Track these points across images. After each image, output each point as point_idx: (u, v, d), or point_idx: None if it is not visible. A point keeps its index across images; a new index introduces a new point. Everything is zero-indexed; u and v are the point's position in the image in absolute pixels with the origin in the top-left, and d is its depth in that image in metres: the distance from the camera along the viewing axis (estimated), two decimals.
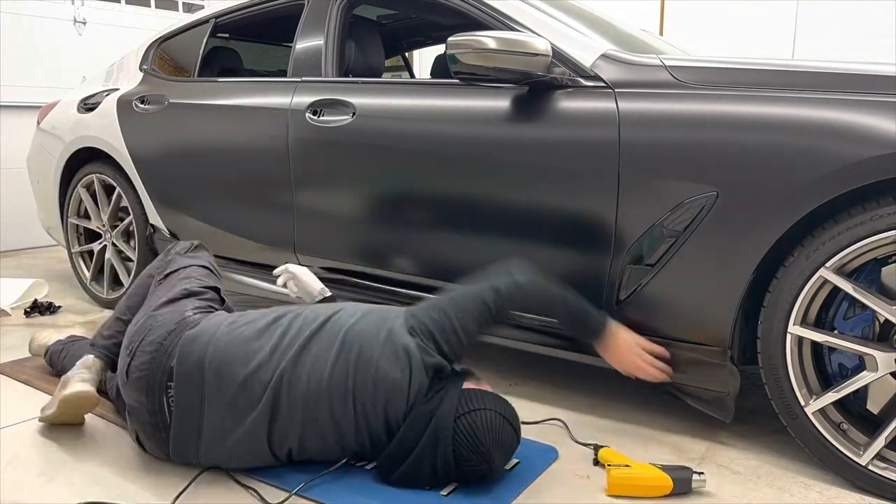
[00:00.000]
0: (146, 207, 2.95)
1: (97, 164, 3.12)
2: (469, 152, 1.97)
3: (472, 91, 2.01)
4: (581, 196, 1.80)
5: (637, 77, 1.78)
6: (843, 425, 1.60)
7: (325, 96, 2.31)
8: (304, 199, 2.39)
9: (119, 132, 2.96)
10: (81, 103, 3.20)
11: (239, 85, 2.64)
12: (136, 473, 1.63)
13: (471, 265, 2.02)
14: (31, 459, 1.71)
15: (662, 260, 1.71)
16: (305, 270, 2.03)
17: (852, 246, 1.49)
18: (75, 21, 4.93)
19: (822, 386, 1.62)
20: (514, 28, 1.97)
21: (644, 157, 1.71)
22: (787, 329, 1.59)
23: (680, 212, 1.67)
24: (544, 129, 1.85)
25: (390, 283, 2.27)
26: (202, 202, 2.73)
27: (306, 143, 2.33)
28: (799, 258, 1.56)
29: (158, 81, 2.97)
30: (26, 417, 1.95)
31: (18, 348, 2.58)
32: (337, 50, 2.42)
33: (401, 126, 2.11)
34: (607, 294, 1.81)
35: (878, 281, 1.54)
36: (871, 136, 1.45)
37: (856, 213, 1.50)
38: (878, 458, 1.54)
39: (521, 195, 1.90)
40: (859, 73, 1.55)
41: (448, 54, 1.85)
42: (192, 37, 2.99)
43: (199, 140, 2.68)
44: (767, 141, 1.56)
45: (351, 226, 2.29)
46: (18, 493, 1.55)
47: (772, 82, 1.62)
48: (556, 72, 1.86)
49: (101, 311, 3.16)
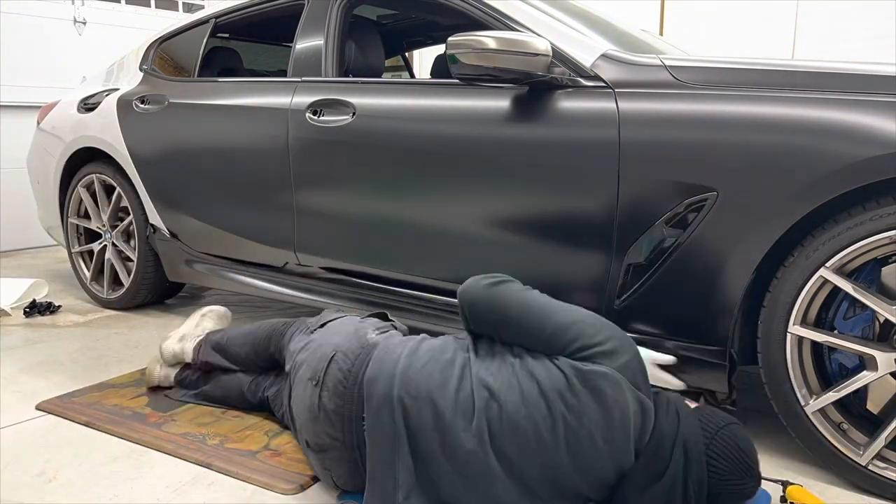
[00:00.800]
0: (146, 207, 2.95)
1: (97, 164, 3.12)
2: (469, 152, 1.97)
3: (472, 91, 2.01)
4: (581, 196, 1.80)
5: (637, 77, 1.78)
6: (843, 425, 1.60)
7: (325, 96, 2.31)
8: (304, 199, 2.38)
9: (119, 132, 2.96)
10: (81, 103, 3.20)
11: (239, 85, 2.64)
12: (136, 473, 1.63)
13: (470, 265, 2.02)
14: (31, 459, 1.71)
15: (662, 260, 1.71)
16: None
17: (852, 246, 1.49)
18: (75, 21, 4.93)
19: (823, 386, 1.62)
20: (514, 28, 1.97)
21: (644, 157, 1.71)
22: (787, 329, 1.59)
23: (680, 212, 1.67)
24: (544, 129, 1.85)
25: (390, 283, 2.27)
26: (202, 202, 2.73)
27: (306, 142, 2.33)
28: (799, 258, 1.56)
29: (158, 81, 2.97)
30: (26, 417, 1.95)
31: (18, 348, 2.58)
32: (337, 50, 2.42)
33: (401, 126, 2.11)
34: (607, 294, 1.81)
35: (878, 281, 1.54)
36: (871, 136, 1.45)
37: (856, 213, 1.50)
38: (878, 457, 1.54)
39: (521, 195, 1.90)
40: (859, 73, 1.55)
41: (448, 54, 1.85)
42: (192, 37, 2.99)
43: (199, 140, 2.68)
44: (767, 141, 1.56)
45: (351, 226, 2.29)
46: (18, 493, 1.55)
47: (772, 82, 1.62)
48: (556, 72, 1.86)
49: (101, 310, 3.16)
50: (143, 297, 3.11)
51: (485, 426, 1.30)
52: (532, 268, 1.91)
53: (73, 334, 2.78)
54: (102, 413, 1.96)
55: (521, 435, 1.28)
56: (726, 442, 1.31)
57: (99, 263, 3.23)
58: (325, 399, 1.44)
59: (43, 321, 2.99)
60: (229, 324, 2.20)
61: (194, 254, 2.85)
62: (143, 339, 2.71)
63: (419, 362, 1.40)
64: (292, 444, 1.76)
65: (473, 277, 1.50)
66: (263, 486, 1.57)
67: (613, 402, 1.27)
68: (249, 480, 1.59)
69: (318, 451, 1.47)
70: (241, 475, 1.61)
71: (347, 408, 1.42)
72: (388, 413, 1.35)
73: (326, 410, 1.43)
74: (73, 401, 2.05)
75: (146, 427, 1.86)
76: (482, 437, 1.29)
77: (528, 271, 1.91)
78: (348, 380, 1.44)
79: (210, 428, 1.86)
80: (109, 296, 3.16)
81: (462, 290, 1.49)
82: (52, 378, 2.27)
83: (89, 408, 1.99)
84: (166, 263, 2.97)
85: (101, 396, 2.08)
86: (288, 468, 1.64)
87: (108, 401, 2.05)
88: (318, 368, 1.48)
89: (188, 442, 1.77)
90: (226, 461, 1.67)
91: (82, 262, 3.31)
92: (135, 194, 2.98)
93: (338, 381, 1.44)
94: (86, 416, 1.93)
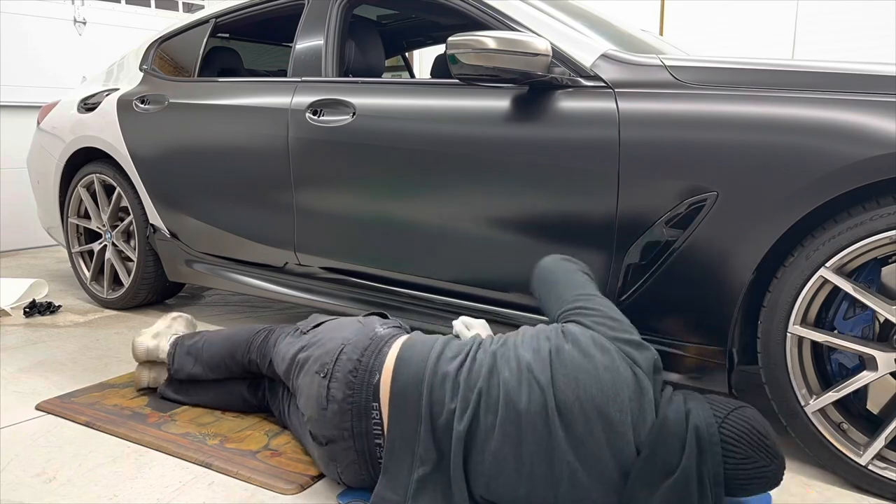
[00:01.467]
0: (146, 207, 2.95)
1: (97, 164, 3.12)
2: (469, 152, 1.97)
3: (472, 91, 2.01)
4: (581, 196, 1.80)
5: (637, 77, 1.78)
6: (843, 425, 1.60)
7: (325, 96, 2.31)
8: (304, 199, 2.38)
9: (119, 132, 2.96)
10: (81, 103, 3.20)
11: (239, 85, 2.64)
12: (136, 473, 1.63)
13: (470, 265, 2.03)
14: (31, 459, 1.71)
15: (662, 260, 1.71)
16: (482, 323, 1.75)
17: (852, 246, 1.49)
18: (75, 21, 4.93)
19: (823, 386, 1.62)
20: (514, 28, 1.97)
21: (644, 157, 1.71)
22: (787, 329, 1.59)
23: (680, 212, 1.67)
24: (544, 128, 1.85)
25: (390, 282, 2.27)
26: (202, 202, 2.73)
27: (306, 142, 2.33)
28: (799, 258, 1.56)
29: (158, 81, 2.97)
30: (26, 418, 1.95)
31: (18, 348, 2.58)
32: (337, 50, 2.42)
33: (401, 126, 2.11)
34: (608, 294, 1.81)
35: (878, 281, 1.54)
36: (871, 136, 1.45)
37: (856, 213, 1.50)
38: (878, 457, 1.54)
39: (521, 195, 1.90)
40: (859, 73, 1.55)
41: (448, 54, 1.85)
42: (192, 37, 2.99)
43: (199, 140, 2.68)
44: (767, 141, 1.56)
45: (351, 226, 2.29)
46: (18, 493, 1.55)
47: (772, 82, 1.62)
48: (556, 72, 1.86)
49: (101, 310, 3.16)
50: (143, 297, 3.11)
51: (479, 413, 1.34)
52: (532, 267, 1.91)
53: (73, 334, 2.78)
54: (102, 413, 1.96)
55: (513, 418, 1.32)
56: (740, 422, 1.26)
57: (99, 263, 3.23)
58: (333, 390, 1.46)
59: (43, 321, 2.99)
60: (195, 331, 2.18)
61: (194, 254, 2.85)
62: None
63: (450, 352, 1.45)
64: (292, 444, 1.76)
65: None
66: (263, 486, 1.57)
67: (597, 348, 1.35)
68: (249, 480, 1.59)
69: (324, 443, 1.48)
70: (241, 475, 1.61)
71: (357, 397, 1.44)
72: (416, 392, 1.39)
73: (336, 400, 1.45)
74: (73, 401, 2.05)
75: (146, 427, 1.86)
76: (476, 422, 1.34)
77: (529, 271, 1.91)
78: (358, 370, 1.46)
79: (210, 428, 1.86)
80: (109, 296, 3.16)
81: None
82: (52, 378, 2.27)
83: (89, 408, 1.99)
84: (166, 263, 2.97)
85: (101, 396, 2.08)
86: (288, 468, 1.64)
87: (108, 401, 2.05)
88: (327, 361, 1.50)
89: (188, 442, 1.77)
90: (226, 461, 1.67)
91: (82, 262, 3.32)
92: (135, 194, 2.98)
93: (347, 371, 1.46)
94: (86, 416, 1.93)
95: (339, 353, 1.50)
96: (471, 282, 2.05)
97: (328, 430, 1.47)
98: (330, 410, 1.45)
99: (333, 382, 1.46)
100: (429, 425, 1.37)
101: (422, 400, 1.38)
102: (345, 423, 1.44)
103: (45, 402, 2.04)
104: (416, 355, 1.45)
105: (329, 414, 1.45)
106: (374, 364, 1.46)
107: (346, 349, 1.50)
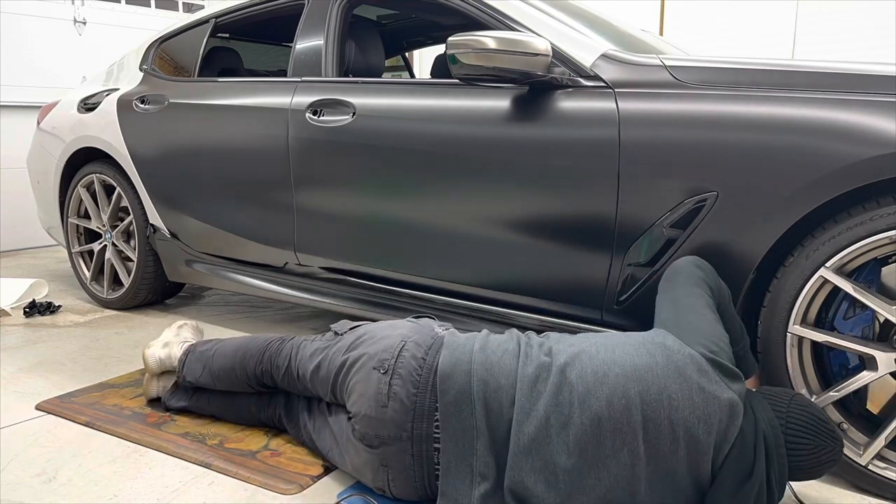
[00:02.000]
0: (146, 207, 2.95)
1: (97, 164, 3.12)
2: (469, 152, 1.97)
3: (472, 91, 2.01)
4: (581, 196, 1.80)
5: (637, 77, 1.78)
6: (843, 425, 1.60)
7: (325, 96, 2.31)
8: (304, 199, 2.39)
9: (119, 132, 2.96)
10: (81, 103, 3.20)
11: (239, 85, 2.64)
12: (136, 473, 1.63)
13: (470, 265, 2.03)
14: (31, 459, 1.71)
15: (663, 260, 1.71)
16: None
17: (852, 246, 1.49)
18: (75, 21, 4.93)
19: (823, 386, 1.62)
20: (514, 28, 1.97)
21: (644, 156, 1.71)
22: (787, 329, 1.59)
23: (680, 212, 1.67)
24: (544, 128, 1.85)
25: (390, 282, 2.27)
26: (202, 202, 2.73)
27: (306, 142, 2.33)
28: (799, 258, 1.56)
29: (158, 81, 2.97)
30: (26, 417, 1.95)
31: (18, 348, 2.59)
32: (337, 50, 2.42)
33: (401, 126, 2.11)
34: (608, 294, 1.81)
35: (878, 281, 1.54)
36: (871, 136, 1.45)
37: (856, 213, 1.50)
38: (878, 458, 1.54)
39: (521, 195, 1.90)
40: (859, 73, 1.55)
41: (448, 54, 1.85)
42: (192, 37, 2.99)
43: (199, 140, 2.68)
44: (767, 141, 1.56)
45: (351, 226, 2.29)
46: (18, 493, 1.55)
47: (772, 82, 1.62)
48: (556, 72, 1.86)
49: (101, 310, 3.16)
50: (143, 297, 3.11)
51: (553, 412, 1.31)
52: (532, 268, 1.91)
53: (73, 334, 2.78)
54: (102, 413, 1.96)
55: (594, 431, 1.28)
56: (803, 416, 1.29)
57: (99, 263, 3.23)
58: (396, 387, 1.40)
59: (43, 321, 2.99)
60: (202, 338, 2.15)
61: (194, 254, 2.85)
62: (143, 339, 2.71)
63: (494, 356, 1.41)
64: (292, 444, 1.76)
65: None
66: (263, 486, 1.57)
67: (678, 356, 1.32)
68: (249, 480, 1.59)
69: (378, 445, 1.42)
70: (241, 475, 1.61)
71: (422, 397, 1.39)
72: (469, 408, 1.35)
73: (398, 398, 1.39)
74: (72, 401, 2.05)
75: (146, 427, 1.86)
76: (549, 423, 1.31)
77: (529, 271, 1.91)
78: (423, 368, 1.41)
79: (210, 428, 1.86)
80: (109, 296, 3.16)
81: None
82: (52, 378, 2.27)
83: (89, 408, 1.99)
84: (166, 263, 2.97)
85: (101, 396, 2.08)
86: (288, 468, 1.64)
87: (108, 401, 2.05)
88: (385, 358, 1.44)
89: (188, 442, 1.77)
90: (226, 461, 1.67)
91: (82, 262, 3.32)
92: (135, 194, 2.99)
93: (412, 368, 1.41)
94: (86, 416, 1.93)
95: (400, 349, 1.44)
96: (471, 282, 2.05)
97: (386, 429, 1.40)
98: (391, 409, 1.39)
99: (396, 379, 1.40)
100: (486, 439, 1.33)
101: (475, 410, 1.34)
102: (406, 423, 1.39)
103: (45, 402, 2.04)
104: (460, 364, 1.40)
105: (390, 412, 1.39)
106: (436, 365, 1.41)
107: (408, 345, 1.45)
